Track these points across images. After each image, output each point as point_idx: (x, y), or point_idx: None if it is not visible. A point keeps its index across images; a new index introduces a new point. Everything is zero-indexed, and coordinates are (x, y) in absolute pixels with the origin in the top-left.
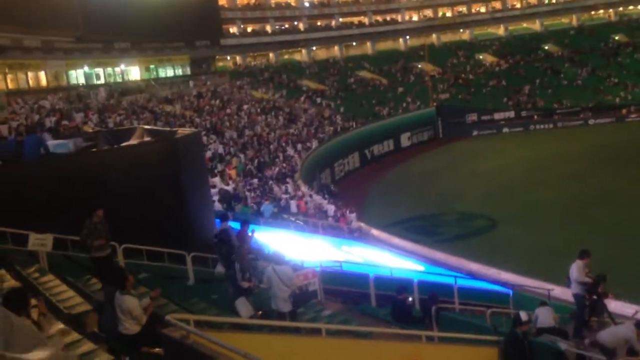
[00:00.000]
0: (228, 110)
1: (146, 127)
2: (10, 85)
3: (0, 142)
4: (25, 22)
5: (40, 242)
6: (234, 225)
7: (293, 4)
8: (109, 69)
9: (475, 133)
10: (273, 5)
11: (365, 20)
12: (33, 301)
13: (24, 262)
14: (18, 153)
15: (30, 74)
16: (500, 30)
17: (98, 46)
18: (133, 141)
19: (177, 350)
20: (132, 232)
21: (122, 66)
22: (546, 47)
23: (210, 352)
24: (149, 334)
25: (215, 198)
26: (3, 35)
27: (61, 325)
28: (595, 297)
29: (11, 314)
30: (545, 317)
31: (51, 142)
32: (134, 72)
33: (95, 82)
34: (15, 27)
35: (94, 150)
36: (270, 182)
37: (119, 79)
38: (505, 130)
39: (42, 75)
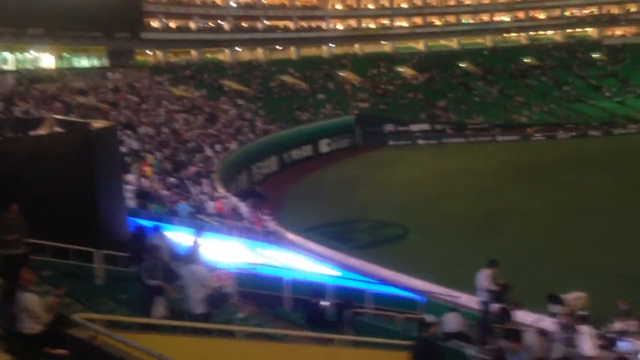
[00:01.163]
0: (145, 106)
1: (57, 117)
2: None
3: None
4: None
5: None
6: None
7: (219, 2)
8: (19, 55)
9: (391, 143)
10: (198, 2)
11: (291, 25)
12: None
13: None
14: None
15: None
16: (420, 45)
17: (9, 30)
18: (42, 131)
19: (85, 351)
20: (37, 226)
21: (34, 53)
22: (462, 65)
23: (120, 354)
24: (52, 334)
25: (130, 195)
26: None
27: None
28: (502, 305)
29: None
30: (452, 322)
31: None
32: (46, 60)
33: (3, 67)
34: None
35: None
36: (187, 181)
37: (29, 66)
38: (420, 141)
39: None
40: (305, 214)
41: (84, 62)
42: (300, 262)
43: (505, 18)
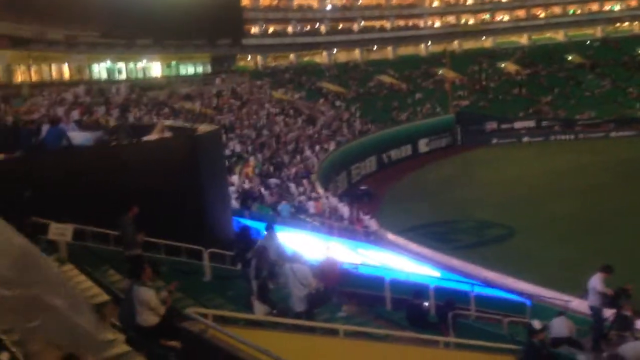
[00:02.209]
0: (247, 110)
1: (166, 122)
2: (34, 77)
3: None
4: (49, 15)
5: (60, 231)
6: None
7: (315, 6)
8: (131, 65)
9: (494, 141)
10: (295, 7)
11: (387, 24)
12: None
13: (44, 250)
14: (36, 143)
15: (53, 67)
16: (523, 39)
17: (121, 42)
18: (153, 136)
19: (195, 344)
20: (151, 226)
21: (144, 62)
22: (569, 58)
23: (228, 347)
24: (166, 326)
25: (234, 196)
26: (27, 27)
27: None
28: (617, 310)
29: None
30: (560, 327)
31: (73, 134)
32: (155, 69)
33: (117, 77)
34: (39, 19)
35: (114, 144)
36: (287, 182)
37: (140, 75)
38: (525, 139)
39: (65, 68)
40: (405, 214)
41: (189, 69)
42: (401, 262)
43: (616, 7)
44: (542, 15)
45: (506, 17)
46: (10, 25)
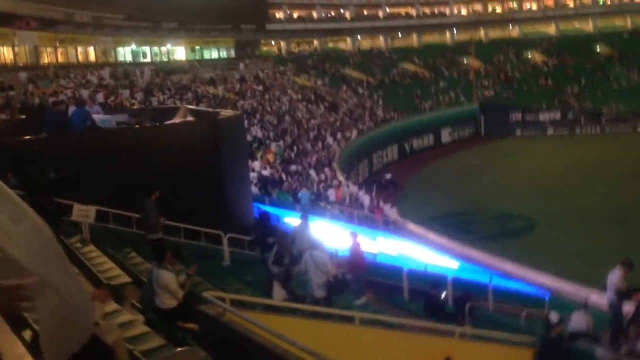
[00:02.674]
0: (269, 95)
1: (189, 106)
2: (60, 59)
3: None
4: None
5: (83, 213)
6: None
7: None
8: (155, 48)
9: (518, 133)
10: None
11: (413, 12)
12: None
13: (67, 232)
14: (60, 123)
15: (79, 49)
16: (551, 29)
17: (146, 25)
18: (176, 119)
19: (213, 327)
20: (172, 209)
21: (169, 46)
22: (597, 49)
23: (244, 331)
24: (185, 309)
25: (254, 182)
26: (56, 9)
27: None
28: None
29: None
30: (579, 321)
31: (96, 117)
32: (179, 52)
33: (142, 60)
34: (67, 1)
35: (137, 126)
36: (308, 169)
37: (164, 59)
38: (550, 131)
39: (91, 50)
40: (426, 204)
41: (213, 54)
42: (420, 252)
43: None
44: (571, 5)
45: (534, 6)
46: (38, 7)
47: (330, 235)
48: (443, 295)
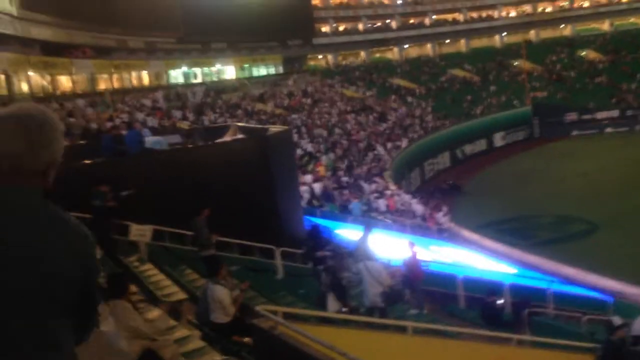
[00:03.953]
0: (318, 109)
1: (239, 124)
2: (116, 85)
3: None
4: (130, 25)
5: (140, 233)
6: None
7: (386, 2)
8: (206, 69)
9: (574, 133)
10: (366, 4)
11: (460, 17)
12: (133, 288)
13: (125, 251)
14: (120, 147)
15: (133, 74)
16: (605, 26)
17: (196, 47)
18: (226, 138)
19: (266, 340)
20: (224, 226)
21: (218, 66)
22: None
23: (297, 344)
24: (239, 323)
25: (306, 195)
26: (110, 37)
27: (158, 312)
28: None
29: None
30: None
31: (148, 139)
32: (229, 71)
33: (193, 81)
34: (120, 29)
35: (189, 146)
36: (359, 180)
37: (214, 78)
38: (609, 130)
39: (144, 74)
40: (481, 210)
41: (261, 71)
42: (476, 259)
43: None
44: (625, 0)
45: (586, 3)
46: (93, 36)
47: (384, 245)
48: (500, 302)
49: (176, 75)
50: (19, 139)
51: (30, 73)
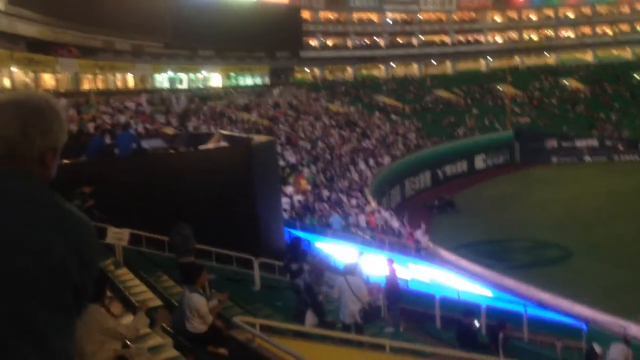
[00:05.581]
0: (302, 122)
1: (223, 132)
2: (100, 86)
3: (86, 139)
4: (117, 26)
5: (117, 236)
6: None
7: (375, 20)
8: (192, 75)
9: (554, 160)
10: (355, 21)
11: (448, 39)
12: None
13: (101, 254)
14: (109, 146)
15: (118, 76)
16: (588, 56)
17: (184, 52)
18: (210, 145)
19: (242, 352)
20: (204, 233)
21: (204, 73)
22: (637, 76)
23: (274, 357)
24: (214, 334)
25: (286, 207)
26: (96, 37)
27: (131, 317)
28: None
29: None
30: (617, 353)
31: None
32: (215, 79)
33: (179, 86)
34: (108, 30)
35: (172, 151)
36: (340, 195)
37: (200, 85)
38: (587, 158)
39: (129, 77)
40: (459, 231)
41: (248, 81)
42: (453, 279)
43: None
44: (610, 32)
45: (571, 34)
46: (80, 35)
47: (364, 262)
48: (476, 324)
49: (162, 80)
50: (13, 125)
51: (13, 69)
